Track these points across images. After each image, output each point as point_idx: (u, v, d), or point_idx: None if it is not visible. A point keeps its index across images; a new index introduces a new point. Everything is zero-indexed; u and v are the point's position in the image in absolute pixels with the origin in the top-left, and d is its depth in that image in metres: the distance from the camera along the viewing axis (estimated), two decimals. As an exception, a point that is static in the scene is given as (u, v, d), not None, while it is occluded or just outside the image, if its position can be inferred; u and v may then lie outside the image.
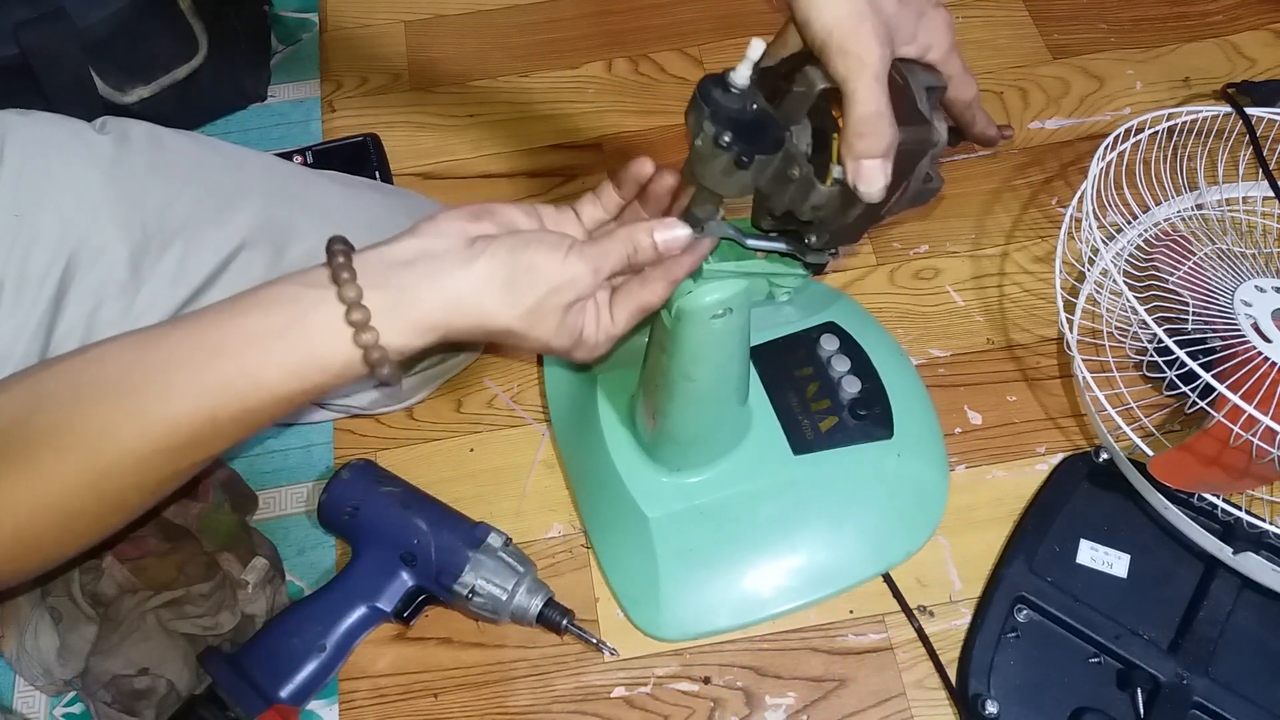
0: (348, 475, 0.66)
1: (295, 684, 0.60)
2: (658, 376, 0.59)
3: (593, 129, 0.90)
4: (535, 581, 0.63)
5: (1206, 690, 0.60)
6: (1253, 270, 0.71)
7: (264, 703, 0.58)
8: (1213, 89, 0.88)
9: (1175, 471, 0.62)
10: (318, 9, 0.99)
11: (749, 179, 0.45)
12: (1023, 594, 0.64)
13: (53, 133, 0.58)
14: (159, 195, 0.58)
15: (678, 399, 0.59)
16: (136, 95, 0.83)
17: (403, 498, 0.65)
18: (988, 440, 0.73)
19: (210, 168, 0.61)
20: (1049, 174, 0.85)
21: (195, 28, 0.83)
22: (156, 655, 0.60)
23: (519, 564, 0.63)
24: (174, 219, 0.58)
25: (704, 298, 0.52)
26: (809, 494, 0.66)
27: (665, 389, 0.59)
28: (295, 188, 0.63)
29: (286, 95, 0.94)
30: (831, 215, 0.47)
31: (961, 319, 0.78)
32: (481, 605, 0.62)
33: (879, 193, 0.44)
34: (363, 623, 0.62)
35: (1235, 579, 0.63)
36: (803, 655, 0.65)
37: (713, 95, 0.44)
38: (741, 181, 0.45)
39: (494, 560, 0.62)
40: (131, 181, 0.57)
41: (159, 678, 0.60)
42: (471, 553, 0.62)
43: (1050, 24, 0.94)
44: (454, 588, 0.61)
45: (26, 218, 0.55)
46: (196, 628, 0.62)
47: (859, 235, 0.51)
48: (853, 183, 0.44)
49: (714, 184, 0.46)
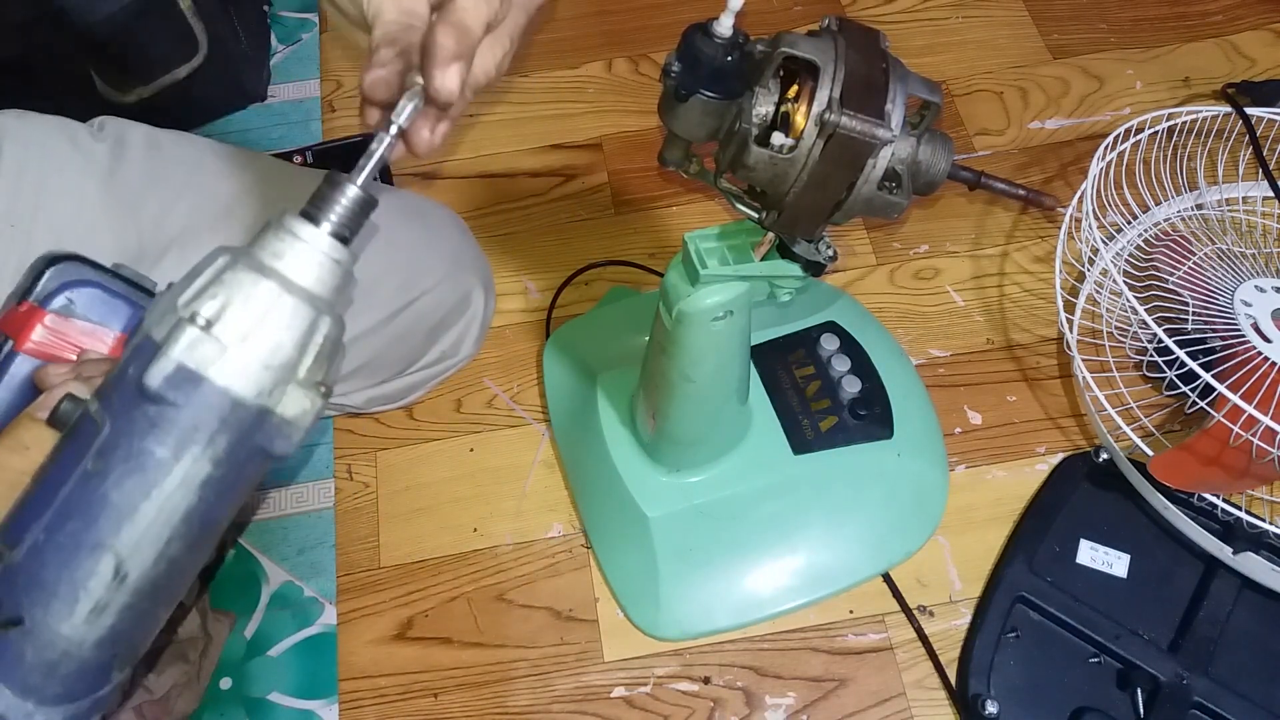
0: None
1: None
2: (657, 377, 0.59)
3: (593, 129, 0.90)
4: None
5: (1206, 690, 0.60)
6: (1253, 270, 0.71)
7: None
8: (1213, 89, 0.88)
9: (1175, 471, 0.62)
10: (318, 9, 0.99)
11: (695, 119, 0.46)
12: (1023, 594, 0.64)
13: (49, 139, 0.57)
14: (155, 203, 0.57)
15: (678, 399, 0.59)
16: (136, 95, 0.83)
17: None
18: (988, 440, 0.73)
19: (208, 173, 0.61)
20: (1049, 174, 0.85)
21: (195, 28, 0.83)
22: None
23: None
24: (169, 227, 0.57)
25: (704, 300, 0.51)
26: (809, 494, 0.66)
27: (665, 389, 0.59)
28: (293, 191, 0.63)
29: (286, 95, 0.94)
30: (767, 184, 0.46)
31: (961, 319, 0.78)
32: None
33: (447, 93, 0.37)
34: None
35: (1235, 579, 0.63)
36: (803, 655, 0.65)
37: (692, 38, 0.45)
38: (689, 120, 0.46)
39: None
40: (127, 190, 0.57)
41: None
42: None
43: (1050, 24, 0.94)
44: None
45: (21, 226, 0.54)
46: None
47: (811, 225, 0.49)
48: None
49: (667, 119, 0.46)
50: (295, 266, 0.32)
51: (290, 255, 0.32)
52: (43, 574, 0.32)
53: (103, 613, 0.32)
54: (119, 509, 0.31)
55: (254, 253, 0.32)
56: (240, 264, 0.31)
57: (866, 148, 0.44)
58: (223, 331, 0.31)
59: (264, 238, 0.32)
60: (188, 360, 0.30)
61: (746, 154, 0.45)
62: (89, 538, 0.31)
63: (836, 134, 0.43)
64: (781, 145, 0.44)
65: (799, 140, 0.44)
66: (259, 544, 0.70)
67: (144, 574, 0.32)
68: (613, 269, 0.81)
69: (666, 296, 0.53)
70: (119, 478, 0.31)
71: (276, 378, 0.31)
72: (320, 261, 0.32)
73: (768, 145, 0.44)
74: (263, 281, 0.31)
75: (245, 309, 0.31)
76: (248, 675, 0.65)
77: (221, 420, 0.31)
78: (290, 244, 0.32)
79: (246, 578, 0.69)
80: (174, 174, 0.59)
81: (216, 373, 0.31)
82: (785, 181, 0.45)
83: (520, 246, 0.83)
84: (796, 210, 0.47)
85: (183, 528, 0.32)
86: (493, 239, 0.84)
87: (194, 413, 0.31)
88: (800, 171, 0.45)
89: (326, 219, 0.33)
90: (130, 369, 0.31)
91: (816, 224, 0.49)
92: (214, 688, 0.65)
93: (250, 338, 0.31)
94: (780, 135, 0.44)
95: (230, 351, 0.31)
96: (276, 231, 0.32)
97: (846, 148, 0.44)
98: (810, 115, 0.43)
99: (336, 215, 0.33)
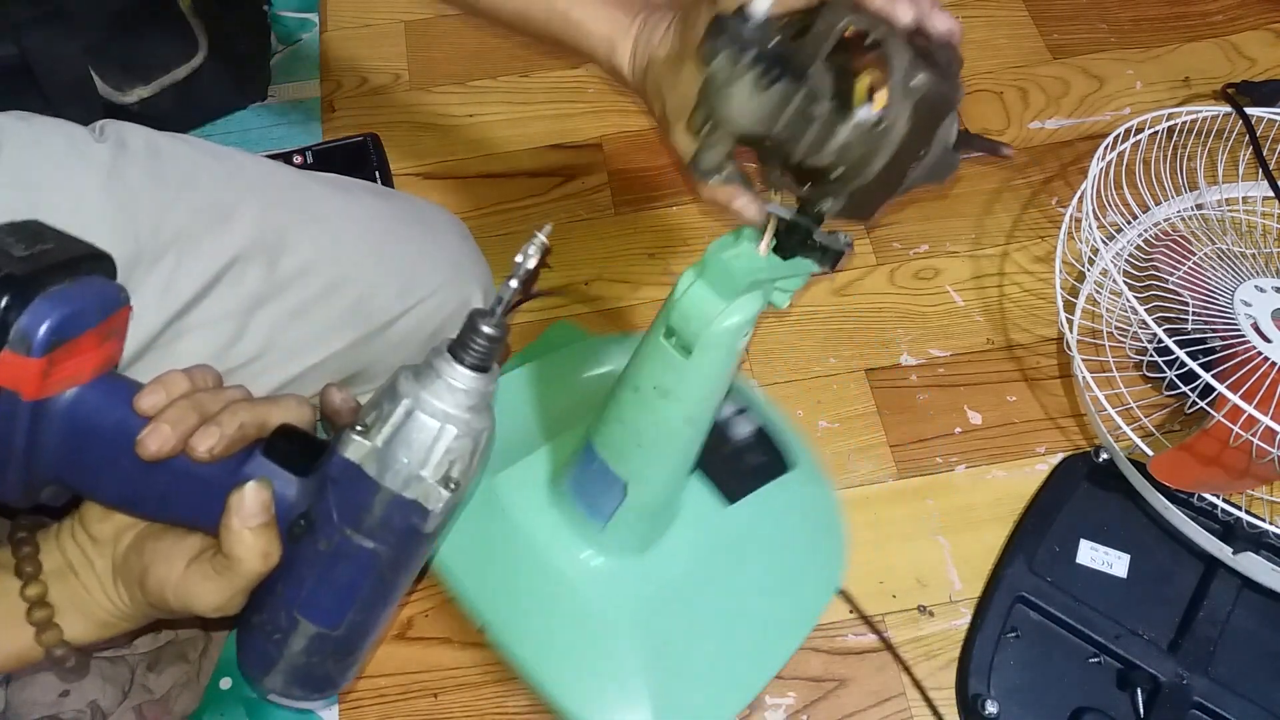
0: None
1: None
2: (644, 433, 0.51)
3: (593, 129, 0.90)
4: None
5: (1206, 690, 0.60)
6: (1253, 270, 0.71)
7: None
8: (1213, 89, 0.88)
9: (1175, 471, 0.62)
10: (318, 9, 0.99)
11: (768, 109, 0.43)
12: (1023, 594, 0.64)
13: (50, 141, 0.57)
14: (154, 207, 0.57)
15: (671, 453, 0.52)
16: (136, 95, 0.83)
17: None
18: (988, 440, 0.73)
19: (207, 176, 0.61)
20: (1049, 174, 0.85)
21: (195, 28, 0.83)
22: (73, 675, 0.60)
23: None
24: (168, 231, 0.57)
25: (730, 319, 0.46)
26: (750, 544, 0.62)
27: (656, 445, 0.51)
28: (292, 196, 0.63)
29: (286, 95, 0.94)
30: (853, 164, 0.44)
31: (961, 319, 0.78)
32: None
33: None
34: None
35: (1235, 579, 0.63)
36: (803, 655, 0.65)
37: (729, 24, 0.42)
38: (760, 111, 0.43)
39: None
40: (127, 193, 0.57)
41: (83, 711, 0.60)
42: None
43: (1050, 24, 0.94)
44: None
45: None
46: (109, 650, 0.62)
47: (876, 206, 0.47)
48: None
49: (732, 113, 0.43)
50: (442, 397, 0.41)
51: (437, 388, 0.41)
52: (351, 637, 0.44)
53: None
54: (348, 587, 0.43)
55: (416, 391, 0.41)
56: (404, 401, 0.41)
57: (948, 106, 0.44)
58: (393, 450, 0.41)
59: (424, 375, 0.41)
60: (376, 474, 0.41)
61: (839, 131, 0.43)
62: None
63: (926, 96, 0.42)
64: (868, 118, 0.42)
65: (884, 110, 0.42)
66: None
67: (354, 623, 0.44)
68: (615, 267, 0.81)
69: (687, 323, 0.47)
70: (344, 566, 0.42)
71: (425, 480, 0.41)
72: (464, 389, 0.41)
73: (850, 121, 0.43)
74: (420, 416, 0.41)
75: (410, 436, 0.41)
76: (248, 675, 0.65)
77: (393, 513, 0.41)
78: (434, 381, 0.41)
79: (246, 578, 0.69)
80: (173, 176, 0.59)
81: (390, 480, 0.41)
82: (875, 156, 0.43)
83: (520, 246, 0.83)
84: (874, 187, 0.45)
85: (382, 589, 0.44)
86: (493, 239, 0.84)
87: (384, 511, 0.41)
88: (891, 143, 0.43)
89: (467, 355, 0.42)
90: (339, 484, 0.41)
91: (886, 200, 0.47)
92: (214, 688, 0.65)
93: (409, 453, 0.41)
94: (863, 110, 0.42)
95: (398, 465, 0.41)
96: (431, 369, 0.42)
97: (935, 110, 0.43)
98: (892, 83, 0.42)
99: (474, 351, 0.42)
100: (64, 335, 0.39)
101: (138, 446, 0.40)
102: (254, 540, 0.42)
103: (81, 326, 0.40)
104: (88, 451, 0.41)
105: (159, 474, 0.41)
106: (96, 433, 0.41)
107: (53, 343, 0.38)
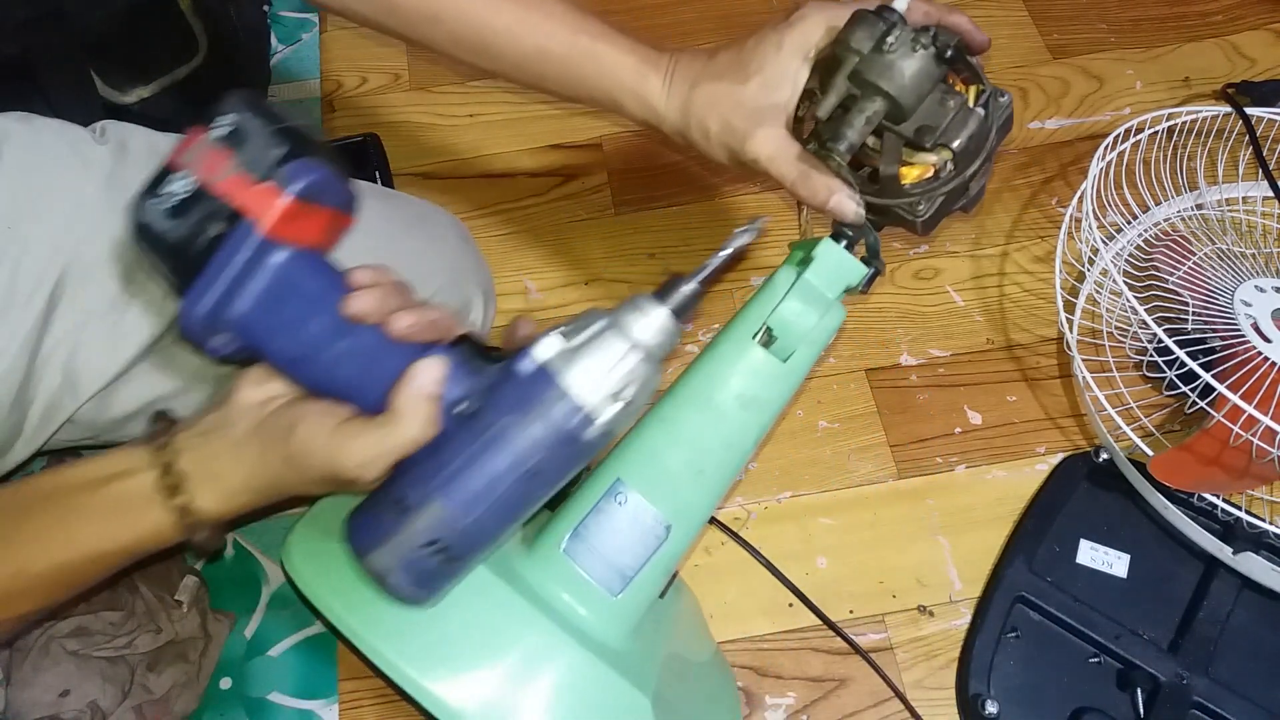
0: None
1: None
2: (710, 456, 0.48)
3: (593, 129, 0.90)
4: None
5: (1206, 690, 0.60)
6: (1253, 270, 0.71)
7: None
8: (1213, 89, 0.88)
9: (1175, 471, 0.62)
10: (317, 9, 0.99)
11: (930, 84, 0.48)
12: (1023, 594, 0.64)
13: (51, 143, 0.57)
14: None
15: (728, 480, 0.49)
16: (136, 95, 0.82)
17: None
18: (988, 440, 0.73)
19: None
20: (1049, 174, 0.85)
21: (195, 28, 0.83)
22: (74, 678, 0.60)
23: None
24: None
25: (838, 315, 0.48)
26: (683, 621, 0.60)
27: (722, 469, 0.48)
28: None
29: (286, 95, 0.94)
30: (963, 157, 0.50)
31: (961, 319, 0.78)
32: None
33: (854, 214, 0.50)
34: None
35: (1235, 579, 0.63)
36: (803, 655, 0.65)
37: (872, 13, 0.48)
38: (924, 85, 0.48)
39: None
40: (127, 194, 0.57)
41: (83, 711, 0.60)
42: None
43: (1050, 24, 0.94)
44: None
45: (18, 229, 0.54)
46: (109, 650, 0.62)
47: (945, 213, 0.53)
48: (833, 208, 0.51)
49: (899, 81, 0.47)
50: (639, 325, 0.44)
51: (635, 317, 0.44)
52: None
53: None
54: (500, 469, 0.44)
55: (618, 316, 0.44)
56: (604, 319, 0.45)
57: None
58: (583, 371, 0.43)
59: (627, 307, 0.45)
60: (560, 379, 0.43)
61: (971, 118, 0.50)
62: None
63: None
64: (981, 117, 0.50)
65: (987, 116, 0.51)
66: (259, 544, 0.70)
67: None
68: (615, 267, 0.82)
69: (794, 323, 0.46)
70: (495, 454, 0.43)
71: (600, 391, 0.43)
72: (657, 326, 0.44)
73: (975, 115, 0.50)
74: (614, 334, 0.44)
75: (600, 348, 0.44)
76: (248, 675, 0.65)
77: (561, 414, 0.43)
78: (634, 311, 0.44)
79: (246, 578, 0.69)
80: None
81: (568, 382, 0.43)
82: (977, 155, 0.51)
83: (520, 246, 0.83)
84: (957, 191, 0.52)
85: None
86: (493, 239, 0.84)
87: (553, 409, 0.43)
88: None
89: (668, 298, 0.45)
90: (518, 378, 0.44)
91: (951, 210, 0.54)
92: (214, 688, 0.65)
93: (593, 363, 0.43)
94: (981, 110, 0.50)
95: (579, 370, 0.43)
96: (634, 304, 0.45)
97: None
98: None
99: (674, 296, 0.45)
100: (313, 196, 0.43)
101: (345, 304, 0.43)
102: (423, 404, 0.43)
103: (327, 201, 0.44)
104: (284, 306, 0.43)
105: (344, 340, 0.44)
106: (299, 290, 0.43)
107: (304, 196, 0.43)
